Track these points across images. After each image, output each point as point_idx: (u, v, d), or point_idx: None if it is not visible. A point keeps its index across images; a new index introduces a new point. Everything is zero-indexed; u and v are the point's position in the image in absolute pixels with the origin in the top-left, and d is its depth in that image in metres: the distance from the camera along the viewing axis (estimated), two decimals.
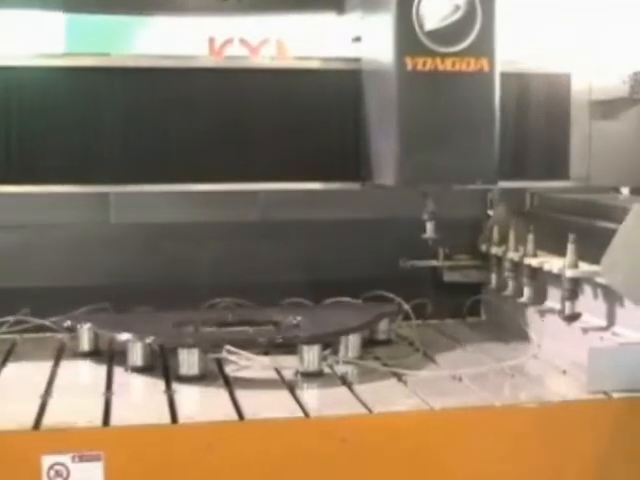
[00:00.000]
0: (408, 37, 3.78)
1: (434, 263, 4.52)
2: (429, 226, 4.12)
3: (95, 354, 3.86)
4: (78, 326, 3.89)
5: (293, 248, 4.45)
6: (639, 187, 4.28)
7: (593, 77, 4.34)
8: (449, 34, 3.79)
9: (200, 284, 4.33)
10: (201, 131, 4.10)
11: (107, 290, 4.23)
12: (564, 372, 3.63)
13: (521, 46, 4.61)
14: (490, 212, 4.53)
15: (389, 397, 3.33)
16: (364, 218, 4.52)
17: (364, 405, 3.23)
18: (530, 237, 3.97)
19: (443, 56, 3.78)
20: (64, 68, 4.01)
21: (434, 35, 3.78)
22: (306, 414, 3.16)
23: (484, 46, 3.82)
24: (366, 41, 4.12)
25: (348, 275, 4.42)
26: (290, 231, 4.47)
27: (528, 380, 3.53)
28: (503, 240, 4.26)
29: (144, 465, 2.99)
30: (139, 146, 4.07)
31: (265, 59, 4.56)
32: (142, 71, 4.05)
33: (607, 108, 4.34)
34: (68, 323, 3.93)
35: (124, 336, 3.69)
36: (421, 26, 3.76)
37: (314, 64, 4.22)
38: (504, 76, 3.91)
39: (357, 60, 4.16)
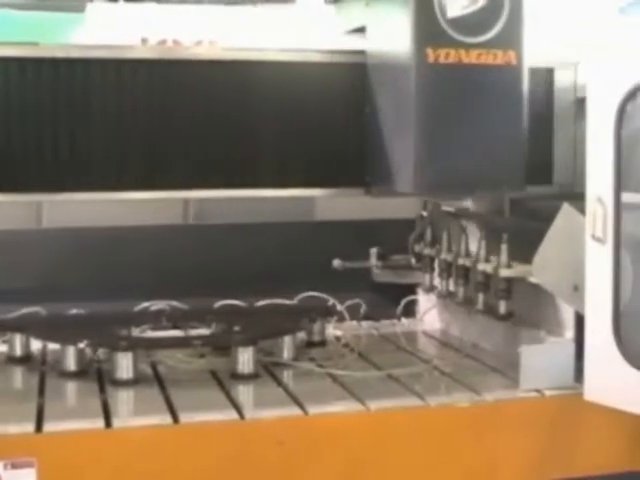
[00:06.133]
0: (429, 25, 3.46)
1: (367, 264, 4.49)
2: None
3: (27, 359, 3.81)
4: (9, 331, 3.83)
5: (226, 250, 4.42)
6: None
7: (578, 72, 4.03)
8: (474, 23, 3.49)
9: (133, 287, 4.29)
10: (156, 130, 3.76)
11: (39, 293, 4.17)
12: (498, 371, 3.68)
13: None
14: (424, 212, 4.52)
15: (324, 398, 3.34)
16: (298, 221, 4.51)
17: (300, 406, 3.25)
18: (463, 237, 4.00)
19: (468, 47, 3.49)
20: None
21: (457, 24, 3.47)
22: (241, 416, 3.16)
23: (512, 37, 3.54)
24: (373, 31, 3.78)
25: (282, 276, 4.41)
26: (224, 234, 4.44)
27: (463, 379, 3.56)
28: (436, 241, 4.28)
29: (78, 471, 2.98)
30: (72, 148, 3.74)
31: (253, 51, 3.93)
32: (74, 62, 3.69)
33: None
34: None
35: (57, 341, 3.65)
36: (443, 13, 3.44)
37: (313, 57, 3.84)
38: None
39: (360, 52, 3.83)
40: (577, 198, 3.43)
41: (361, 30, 3.92)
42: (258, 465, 3.10)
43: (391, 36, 3.64)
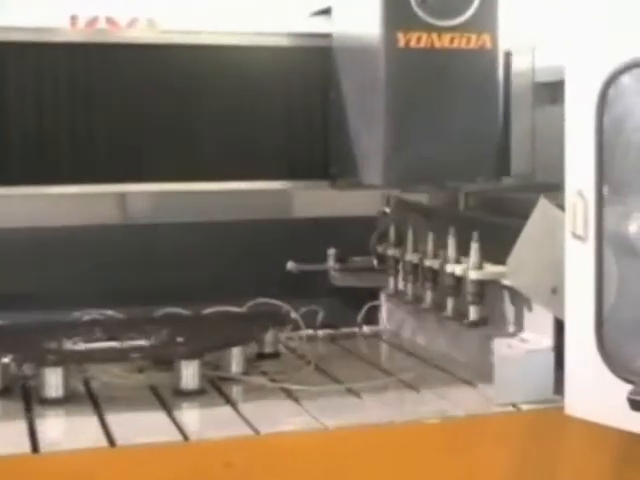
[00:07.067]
0: (400, 8, 3.55)
1: (324, 266, 4.50)
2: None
3: None
4: None
5: (167, 252, 4.39)
6: None
7: (536, 54, 4.14)
8: (446, 5, 3.58)
9: (64, 295, 4.23)
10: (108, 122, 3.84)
11: None
12: (470, 383, 3.67)
13: None
14: (386, 209, 4.52)
15: (278, 416, 3.33)
16: (248, 219, 4.50)
17: (250, 426, 3.22)
18: (430, 236, 3.98)
19: (440, 31, 3.58)
20: None
21: (429, 6, 3.56)
22: (185, 437, 3.13)
23: (486, 20, 3.63)
24: (340, 13, 3.89)
25: (229, 281, 4.37)
26: (164, 234, 4.41)
27: (431, 393, 3.56)
28: (401, 240, 4.28)
29: None
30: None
31: (196, 33, 4.01)
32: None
33: (553, 92, 4.10)
34: None
35: None
36: None
37: (271, 40, 3.95)
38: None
39: (326, 36, 3.93)
40: (540, 189, 3.46)
41: (327, 12, 3.99)
42: None
43: (359, 19, 3.72)
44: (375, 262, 4.49)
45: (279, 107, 3.99)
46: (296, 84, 4.00)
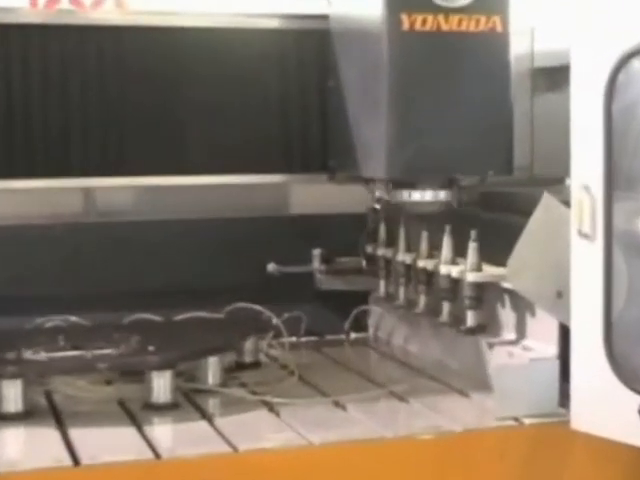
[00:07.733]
0: None
1: (309, 268, 4.50)
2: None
3: None
4: None
5: (137, 253, 4.37)
6: None
7: (534, 38, 4.21)
8: None
9: (24, 299, 4.21)
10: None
11: None
12: (467, 395, 3.66)
13: None
14: (377, 205, 4.49)
15: (258, 431, 3.31)
16: (226, 217, 4.48)
17: (227, 442, 3.19)
18: (424, 235, 3.97)
19: (447, 12, 3.60)
20: None
21: None
22: (157, 455, 3.11)
23: (496, 0, 3.68)
24: None
25: (205, 284, 4.36)
26: (134, 233, 4.39)
27: (424, 406, 3.54)
28: (392, 239, 4.26)
29: None
30: None
31: (186, 16, 4.14)
32: None
33: (549, 78, 4.19)
34: None
35: None
36: None
37: (262, 23, 4.04)
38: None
39: (323, 18, 4.00)
40: (541, 183, 3.47)
41: None
42: None
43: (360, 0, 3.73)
44: (364, 263, 4.49)
45: (272, 95, 4.06)
46: (290, 70, 4.09)
